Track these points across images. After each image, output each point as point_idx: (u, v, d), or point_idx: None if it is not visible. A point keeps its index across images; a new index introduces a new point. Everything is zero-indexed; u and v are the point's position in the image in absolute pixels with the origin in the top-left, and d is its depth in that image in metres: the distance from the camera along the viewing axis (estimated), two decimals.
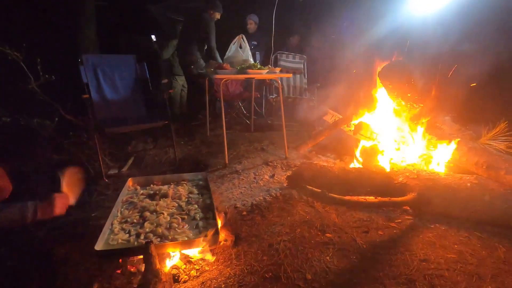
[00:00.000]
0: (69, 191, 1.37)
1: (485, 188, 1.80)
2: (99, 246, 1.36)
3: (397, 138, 2.46)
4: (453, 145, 2.11)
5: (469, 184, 1.83)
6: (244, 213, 1.92)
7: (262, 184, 2.36)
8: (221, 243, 1.57)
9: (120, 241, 1.44)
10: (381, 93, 2.60)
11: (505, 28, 2.86)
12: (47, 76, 2.53)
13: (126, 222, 1.60)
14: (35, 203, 1.21)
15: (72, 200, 1.38)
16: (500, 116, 2.27)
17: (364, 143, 2.54)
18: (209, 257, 1.49)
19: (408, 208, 1.90)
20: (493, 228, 1.68)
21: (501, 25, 2.87)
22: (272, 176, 2.50)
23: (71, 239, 1.66)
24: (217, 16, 3.72)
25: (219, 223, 1.62)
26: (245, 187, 2.33)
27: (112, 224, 1.56)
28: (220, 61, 3.59)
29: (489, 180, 1.85)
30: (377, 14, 4.11)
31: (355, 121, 2.74)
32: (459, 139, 2.12)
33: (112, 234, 1.48)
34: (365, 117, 2.70)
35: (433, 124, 2.39)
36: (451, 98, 2.78)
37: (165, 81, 4.33)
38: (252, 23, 4.59)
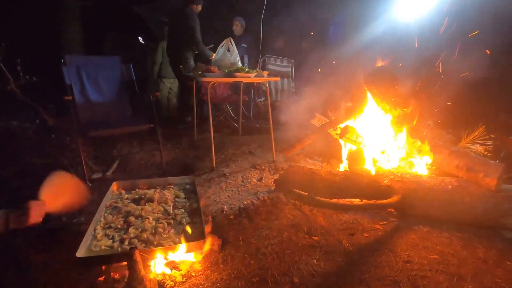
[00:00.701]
0: (50, 198, 1.29)
1: (466, 190, 1.86)
2: (80, 252, 1.32)
3: (382, 142, 2.51)
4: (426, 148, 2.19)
5: (450, 187, 1.89)
6: (232, 217, 1.91)
7: (249, 187, 2.36)
8: (208, 248, 1.55)
9: (103, 247, 1.40)
10: (367, 98, 2.65)
11: (485, 36, 2.99)
12: (27, 77, 2.45)
13: (109, 227, 1.56)
14: (8, 211, 1.13)
15: (52, 208, 1.28)
16: (479, 121, 2.36)
17: (350, 147, 2.58)
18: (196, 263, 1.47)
19: (393, 210, 1.94)
20: (473, 229, 1.73)
21: (482, 34, 2.99)
22: (260, 179, 2.50)
23: (51, 246, 1.60)
24: (199, 8, 3.72)
25: (206, 227, 1.60)
26: (232, 190, 2.31)
27: (95, 230, 1.52)
28: (209, 53, 3.57)
29: (469, 182, 1.91)
30: (363, 20, 4.21)
31: (341, 125, 2.78)
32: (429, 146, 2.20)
33: (95, 240, 1.44)
34: (351, 121, 2.75)
35: (416, 128, 2.45)
36: (433, 103, 2.87)
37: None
38: (238, 25, 4.60)
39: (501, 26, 2.90)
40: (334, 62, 4.14)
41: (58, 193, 1.33)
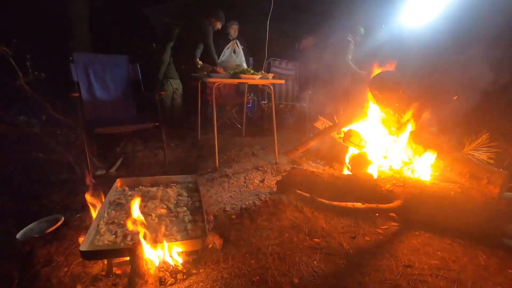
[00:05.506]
0: None
1: (468, 197, 1.85)
2: (84, 246, 1.33)
3: (385, 146, 2.52)
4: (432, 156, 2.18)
5: (453, 193, 1.89)
6: (233, 216, 1.92)
7: (252, 188, 2.37)
8: (209, 246, 1.56)
9: (106, 242, 1.41)
10: (371, 102, 2.66)
11: (493, 42, 2.98)
12: (36, 73, 2.48)
13: (113, 223, 1.58)
14: None
15: None
16: (482, 128, 2.35)
17: (353, 150, 2.59)
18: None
19: (394, 215, 1.94)
20: (474, 236, 1.73)
21: (489, 40, 2.99)
22: (262, 180, 2.51)
23: (54, 240, 1.62)
24: (218, 26, 3.77)
25: (208, 226, 1.61)
26: (234, 191, 2.33)
27: (98, 225, 1.53)
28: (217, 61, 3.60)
29: (472, 189, 1.91)
30: (370, 25, 4.23)
31: (344, 129, 2.79)
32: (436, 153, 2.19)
33: (98, 235, 1.46)
34: (355, 125, 2.75)
35: (419, 134, 2.45)
36: (438, 110, 2.87)
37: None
38: (234, 28, 4.62)
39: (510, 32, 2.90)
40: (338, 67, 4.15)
41: None
